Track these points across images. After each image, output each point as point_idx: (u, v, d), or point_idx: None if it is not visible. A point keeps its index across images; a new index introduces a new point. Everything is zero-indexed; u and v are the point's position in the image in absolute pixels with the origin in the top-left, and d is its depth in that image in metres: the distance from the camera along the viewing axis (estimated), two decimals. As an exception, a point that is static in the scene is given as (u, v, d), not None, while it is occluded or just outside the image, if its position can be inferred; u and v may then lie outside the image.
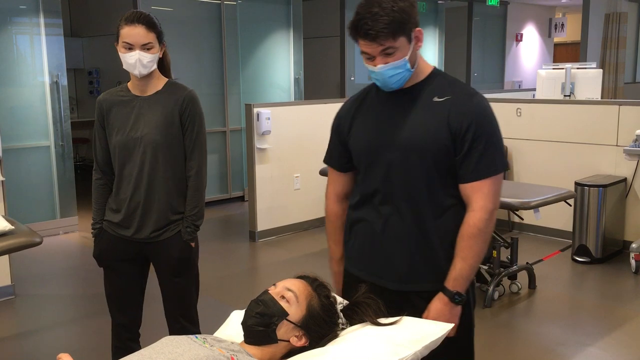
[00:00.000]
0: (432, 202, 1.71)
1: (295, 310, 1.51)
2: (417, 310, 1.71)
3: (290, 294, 1.53)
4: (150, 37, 2.23)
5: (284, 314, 1.50)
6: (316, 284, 1.62)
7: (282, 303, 1.52)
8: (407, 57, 1.65)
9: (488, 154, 1.67)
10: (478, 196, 1.67)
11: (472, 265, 1.69)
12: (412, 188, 1.71)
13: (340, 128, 1.87)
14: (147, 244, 2.37)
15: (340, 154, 1.88)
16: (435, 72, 1.78)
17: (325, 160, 1.95)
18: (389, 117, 1.75)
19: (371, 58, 1.66)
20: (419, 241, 1.72)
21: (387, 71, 1.66)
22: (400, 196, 1.73)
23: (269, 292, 1.55)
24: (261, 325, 1.48)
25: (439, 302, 1.69)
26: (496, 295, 3.97)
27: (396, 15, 1.60)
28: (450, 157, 1.68)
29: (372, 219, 1.78)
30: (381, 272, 1.77)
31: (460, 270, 1.67)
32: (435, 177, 1.70)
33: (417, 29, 1.67)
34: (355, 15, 1.64)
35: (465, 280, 1.69)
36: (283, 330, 1.50)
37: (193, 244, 2.40)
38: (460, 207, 1.72)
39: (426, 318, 1.67)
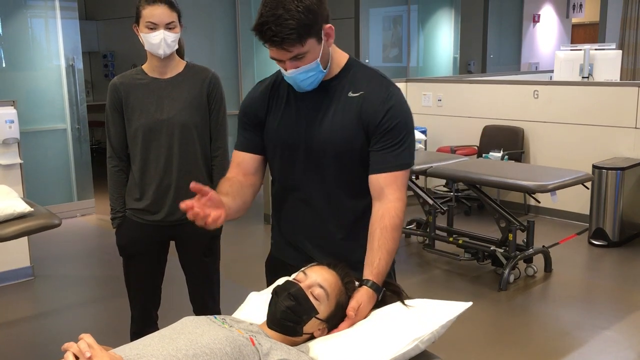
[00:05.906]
0: (352, 203, 1.69)
1: (324, 308, 1.51)
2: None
3: (321, 292, 1.50)
4: (173, 17, 2.25)
5: (314, 312, 1.50)
6: (346, 281, 1.58)
7: (312, 300, 1.50)
8: (318, 60, 1.58)
9: (403, 147, 1.64)
10: (393, 188, 1.64)
11: (392, 259, 1.64)
12: (330, 189, 1.69)
13: (252, 111, 1.75)
14: (178, 226, 2.38)
15: (253, 136, 1.76)
16: (350, 63, 1.71)
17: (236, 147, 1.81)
18: (306, 115, 1.68)
19: (282, 61, 1.58)
20: (342, 236, 1.70)
21: (299, 76, 1.59)
22: (319, 197, 1.70)
23: (300, 284, 1.52)
24: (290, 321, 1.48)
25: (366, 296, 1.57)
26: (512, 278, 3.96)
27: (302, 17, 1.48)
28: (367, 153, 1.66)
29: (297, 211, 1.75)
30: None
31: (386, 264, 1.60)
32: (354, 175, 1.67)
33: (327, 25, 1.57)
34: (259, 17, 1.51)
35: (386, 273, 1.62)
36: (309, 325, 1.50)
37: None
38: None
39: (355, 309, 1.54)
